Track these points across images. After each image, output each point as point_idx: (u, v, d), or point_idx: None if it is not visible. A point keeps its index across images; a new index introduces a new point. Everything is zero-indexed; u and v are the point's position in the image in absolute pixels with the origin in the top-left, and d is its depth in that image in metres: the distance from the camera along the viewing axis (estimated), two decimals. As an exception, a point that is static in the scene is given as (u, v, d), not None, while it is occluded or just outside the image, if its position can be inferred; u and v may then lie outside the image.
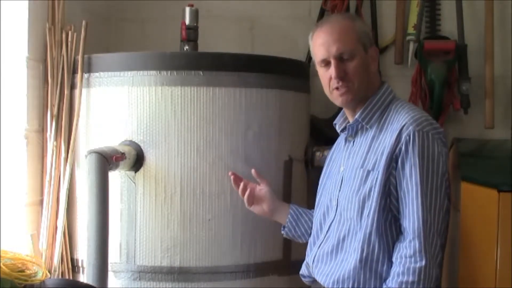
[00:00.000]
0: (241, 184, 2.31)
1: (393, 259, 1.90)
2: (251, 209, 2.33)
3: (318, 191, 2.22)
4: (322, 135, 2.99)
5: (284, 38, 3.23)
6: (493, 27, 3.07)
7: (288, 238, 2.35)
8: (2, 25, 2.47)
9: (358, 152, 2.02)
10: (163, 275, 2.45)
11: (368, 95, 2.02)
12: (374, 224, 1.91)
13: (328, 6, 3.17)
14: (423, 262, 1.83)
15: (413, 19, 3.13)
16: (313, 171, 2.83)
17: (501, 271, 2.21)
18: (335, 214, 2.05)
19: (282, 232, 2.31)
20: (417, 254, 1.83)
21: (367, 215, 1.92)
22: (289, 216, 2.27)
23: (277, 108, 2.59)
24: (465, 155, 2.62)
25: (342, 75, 1.97)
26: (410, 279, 1.83)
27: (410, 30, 3.14)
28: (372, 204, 1.91)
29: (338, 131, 2.15)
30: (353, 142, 2.06)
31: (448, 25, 3.15)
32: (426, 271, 1.83)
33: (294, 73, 2.66)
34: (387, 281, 1.89)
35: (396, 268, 1.87)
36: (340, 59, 1.98)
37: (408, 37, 3.15)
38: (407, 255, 1.85)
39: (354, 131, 2.05)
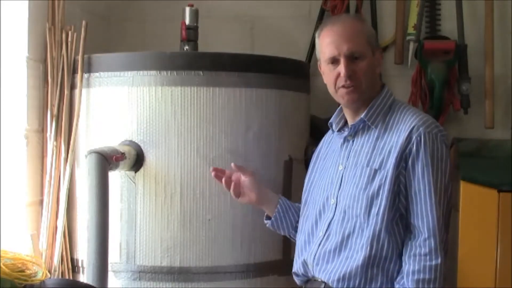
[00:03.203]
0: (224, 177, 2.25)
1: (405, 258, 1.92)
2: (239, 201, 2.27)
3: (305, 189, 2.22)
4: (322, 135, 2.98)
5: (284, 38, 3.23)
6: (493, 27, 3.07)
7: (271, 229, 2.31)
8: (2, 25, 2.47)
9: (360, 151, 2.04)
10: (163, 275, 2.45)
11: (372, 96, 2.05)
12: (384, 222, 1.93)
13: (328, 6, 3.18)
14: (439, 260, 1.88)
15: (413, 19, 3.13)
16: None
17: (501, 271, 2.21)
18: (335, 213, 2.05)
19: (266, 221, 2.28)
20: (433, 252, 1.88)
21: (376, 213, 1.94)
22: (278, 207, 2.25)
23: (277, 108, 2.59)
24: (465, 155, 2.62)
25: (351, 74, 2.00)
26: (427, 276, 1.87)
27: (410, 30, 3.14)
28: (382, 202, 1.94)
29: (335, 130, 2.15)
30: (353, 141, 2.07)
31: (448, 25, 3.15)
32: (442, 268, 1.88)
33: (294, 73, 2.66)
34: (399, 281, 1.91)
35: (411, 267, 1.90)
36: (350, 58, 2.01)
37: (408, 37, 3.15)
38: (421, 253, 1.89)
39: (355, 130, 2.07)
